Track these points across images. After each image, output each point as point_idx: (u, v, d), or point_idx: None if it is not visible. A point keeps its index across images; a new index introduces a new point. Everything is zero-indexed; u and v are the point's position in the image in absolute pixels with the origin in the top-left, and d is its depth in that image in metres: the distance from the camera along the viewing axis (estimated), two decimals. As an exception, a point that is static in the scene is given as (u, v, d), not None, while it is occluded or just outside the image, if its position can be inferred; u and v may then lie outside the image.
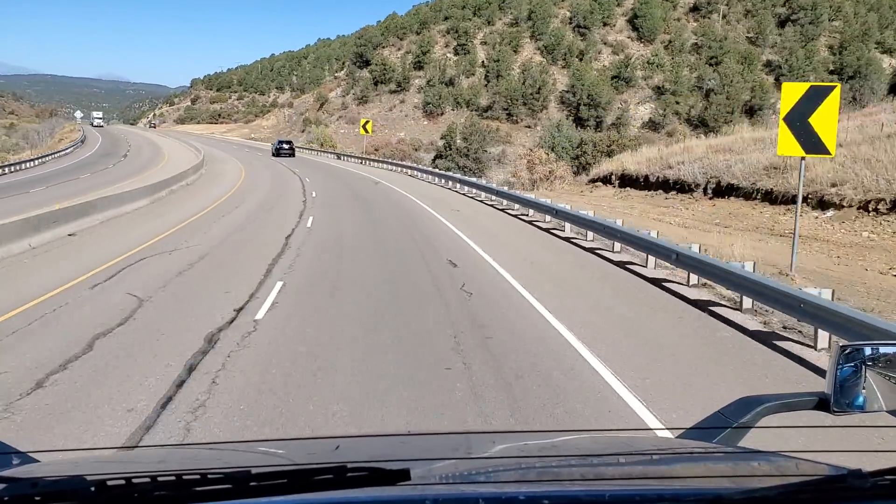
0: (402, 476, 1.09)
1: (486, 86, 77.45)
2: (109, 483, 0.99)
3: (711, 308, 10.15)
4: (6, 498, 0.99)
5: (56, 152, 54.76)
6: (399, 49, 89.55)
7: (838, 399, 1.68)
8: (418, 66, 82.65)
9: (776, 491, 1.11)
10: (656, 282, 12.16)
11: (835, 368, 1.68)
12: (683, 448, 1.84)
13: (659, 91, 76.96)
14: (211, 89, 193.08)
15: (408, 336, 8.08)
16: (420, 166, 40.13)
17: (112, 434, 5.26)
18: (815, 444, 4.76)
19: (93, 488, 0.99)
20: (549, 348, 7.80)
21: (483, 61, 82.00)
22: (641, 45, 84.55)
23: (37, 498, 0.98)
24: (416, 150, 69.56)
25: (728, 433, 1.77)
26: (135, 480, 1.00)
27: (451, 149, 65.26)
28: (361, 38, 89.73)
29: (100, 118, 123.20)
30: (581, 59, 79.15)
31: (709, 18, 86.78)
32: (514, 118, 73.33)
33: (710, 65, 77.98)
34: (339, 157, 62.96)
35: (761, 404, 1.82)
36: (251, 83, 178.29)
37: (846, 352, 1.69)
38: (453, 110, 75.74)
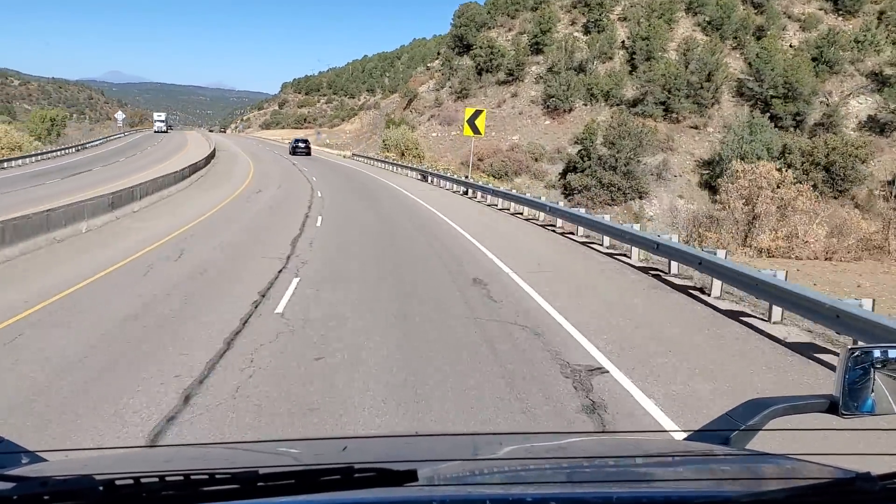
0: (410, 477, 1.08)
1: (631, 72, 56.92)
2: (118, 482, 0.99)
3: None
4: (15, 497, 0.98)
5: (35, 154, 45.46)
6: (510, 30, 70.26)
7: (847, 402, 1.64)
8: (536, 49, 63.01)
9: (784, 494, 1.12)
10: None
11: (843, 371, 1.63)
12: (691, 450, 1.81)
13: (878, 79, 54.16)
14: (300, 93, 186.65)
15: None
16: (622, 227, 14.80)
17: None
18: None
19: (101, 488, 0.99)
20: None
21: (624, 41, 61.45)
22: (840, 18, 61.80)
23: (46, 497, 0.98)
24: (535, 159, 50.03)
25: (736, 435, 1.72)
26: (143, 480, 1.00)
27: (589, 158, 45.26)
28: (462, 18, 70.89)
29: (162, 121, 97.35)
30: (759, 38, 57.31)
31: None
32: (675, 115, 52.49)
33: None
34: (424, 178, 39.35)
35: (769, 407, 1.76)
36: (341, 85, 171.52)
37: (855, 354, 1.64)
38: (586, 105, 55.76)
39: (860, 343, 7.06)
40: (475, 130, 34.94)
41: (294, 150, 56.92)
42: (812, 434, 4.23)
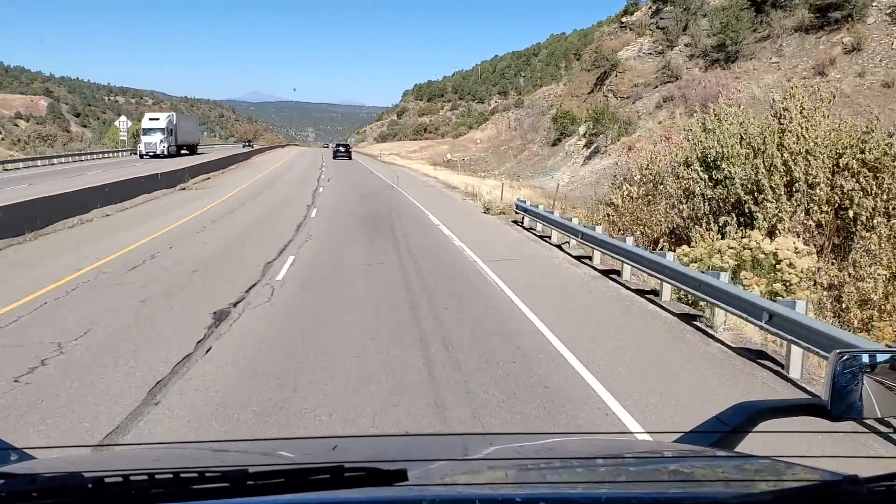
0: (400, 476, 1.09)
1: None
2: (107, 480, 0.99)
3: None
4: (3, 493, 0.98)
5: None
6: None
7: (835, 405, 1.67)
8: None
9: (772, 496, 1.15)
10: None
11: (832, 374, 1.67)
12: (680, 452, 1.82)
13: None
14: (421, 100, 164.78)
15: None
16: None
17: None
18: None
19: (90, 485, 0.98)
20: None
21: None
22: None
23: (34, 494, 0.98)
24: None
25: (725, 438, 1.75)
26: (132, 478, 1.00)
27: None
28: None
29: (159, 130, 54.50)
30: None
31: None
32: None
33: None
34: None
35: (758, 409, 1.80)
36: (468, 89, 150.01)
37: (843, 358, 1.67)
38: None
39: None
40: None
41: (336, 154, 64.55)
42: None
